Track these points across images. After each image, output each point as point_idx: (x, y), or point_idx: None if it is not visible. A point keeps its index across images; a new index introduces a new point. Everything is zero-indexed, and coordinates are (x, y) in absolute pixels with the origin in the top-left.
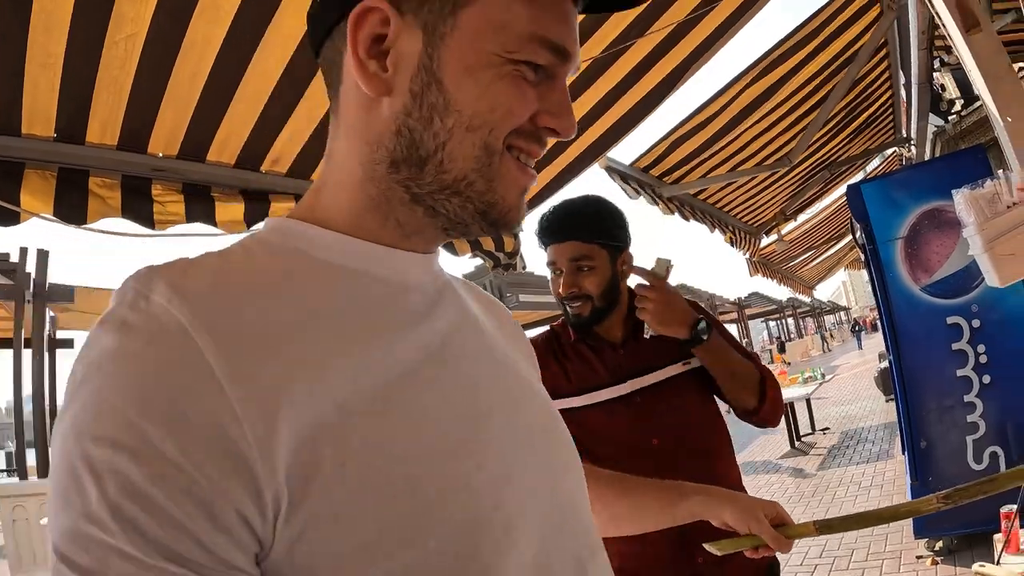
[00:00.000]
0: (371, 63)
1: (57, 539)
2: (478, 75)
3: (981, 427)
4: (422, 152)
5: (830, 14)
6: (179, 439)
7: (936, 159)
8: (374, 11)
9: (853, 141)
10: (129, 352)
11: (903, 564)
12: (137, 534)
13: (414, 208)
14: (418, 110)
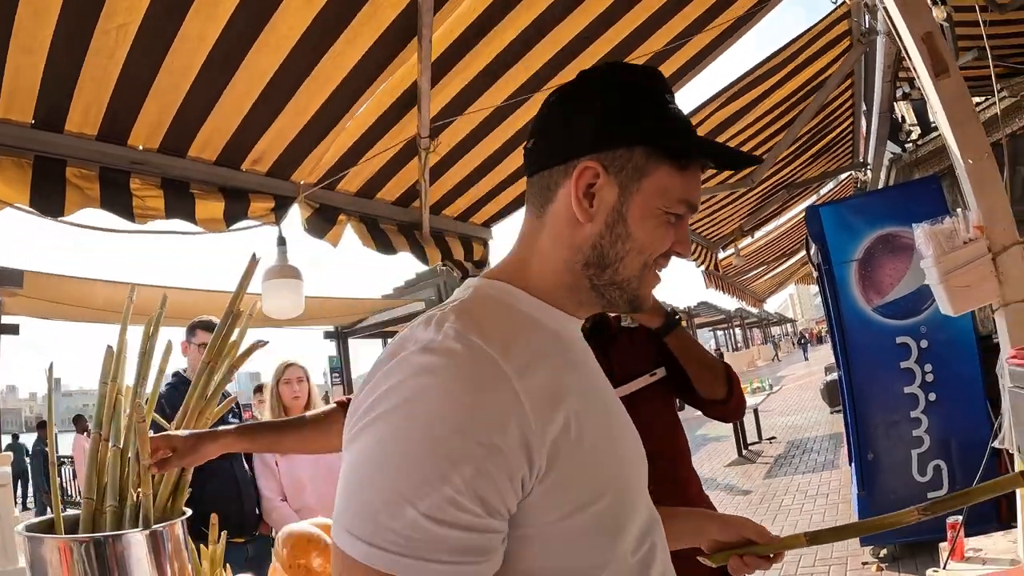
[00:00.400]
0: (584, 201)
1: (409, 494)
2: (649, 220)
3: (926, 441)
4: (606, 261)
5: (803, 44)
6: (504, 435)
7: (892, 187)
8: (591, 168)
9: (813, 163)
10: (466, 371)
11: (849, 570)
12: (479, 501)
13: (591, 293)
14: (608, 235)
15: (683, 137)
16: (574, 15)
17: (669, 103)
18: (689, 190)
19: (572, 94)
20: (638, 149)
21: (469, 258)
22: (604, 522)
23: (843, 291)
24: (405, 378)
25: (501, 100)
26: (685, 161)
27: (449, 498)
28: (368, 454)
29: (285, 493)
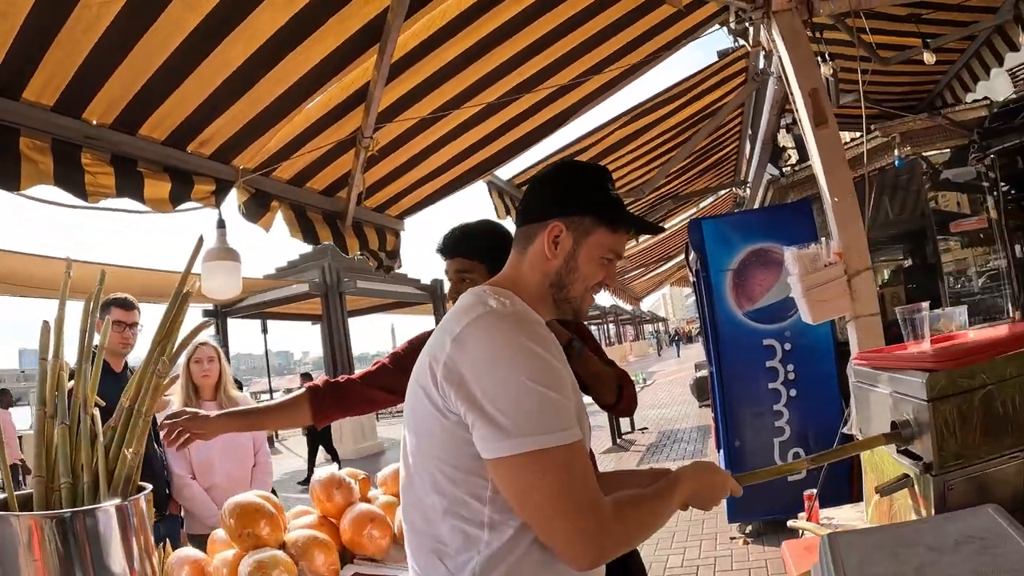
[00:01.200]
0: (551, 246)
1: (545, 381)
2: (591, 262)
3: (787, 431)
4: (563, 284)
5: (705, 76)
6: (559, 355)
7: (768, 208)
8: (558, 226)
9: (699, 179)
10: (532, 319)
11: (719, 544)
12: (564, 378)
13: (551, 303)
14: (565, 268)
15: (617, 212)
16: (506, 44)
17: (609, 189)
18: (618, 245)
19: (548, 180)
20: (588, 217)
21: (383, 248)
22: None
23: (718, 296)
24: (511, 332)
25: (431, 110)
26: (616, 227)
27: (561, 379)
28: (516, 383)
29: (195, 472)
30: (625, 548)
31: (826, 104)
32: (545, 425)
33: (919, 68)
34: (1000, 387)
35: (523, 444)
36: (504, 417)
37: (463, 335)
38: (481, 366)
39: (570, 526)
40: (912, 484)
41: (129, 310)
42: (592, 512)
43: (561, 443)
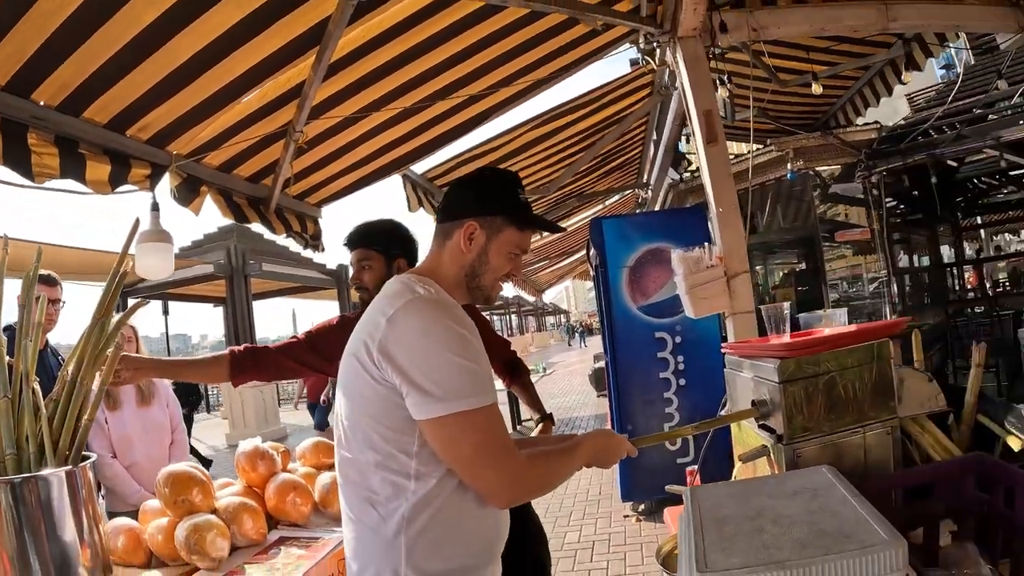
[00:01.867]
0: (466, 242)
1: (466, 357)
2: (500, 256)
3: (676, 417)
4: (475, 274)
5: (614, 87)
6: (473, 327)
7: (665, 210)
8: (472, 225)
9: (604, 179)
10: (450, 303)
11: (613, 522)
12: (479, 350)
13: (466, 290)
14: (478, 261)
15: (525, 214)
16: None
17: (519, 194)
18: (524, 242)
19: (468, 183)
20: (500, 217)
21: (305, 231)
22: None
23: (615, 291)
24: (433, 313)
25: (357, 109)
26: (523, 227)
27: (479, 352)
28: (443, 357)
29: (115, 450)
30: (538, 493)
31: (718, 124)
32: (469, 391)
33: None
34: (842, 374)
35: (452, 407)
36: (434, 386)
37: (395, 317)
38: (413, 343)
39: (492, 473)
40: (769, 453)
41: (52, 286)
42: (509, 461)
43: (482, 405)
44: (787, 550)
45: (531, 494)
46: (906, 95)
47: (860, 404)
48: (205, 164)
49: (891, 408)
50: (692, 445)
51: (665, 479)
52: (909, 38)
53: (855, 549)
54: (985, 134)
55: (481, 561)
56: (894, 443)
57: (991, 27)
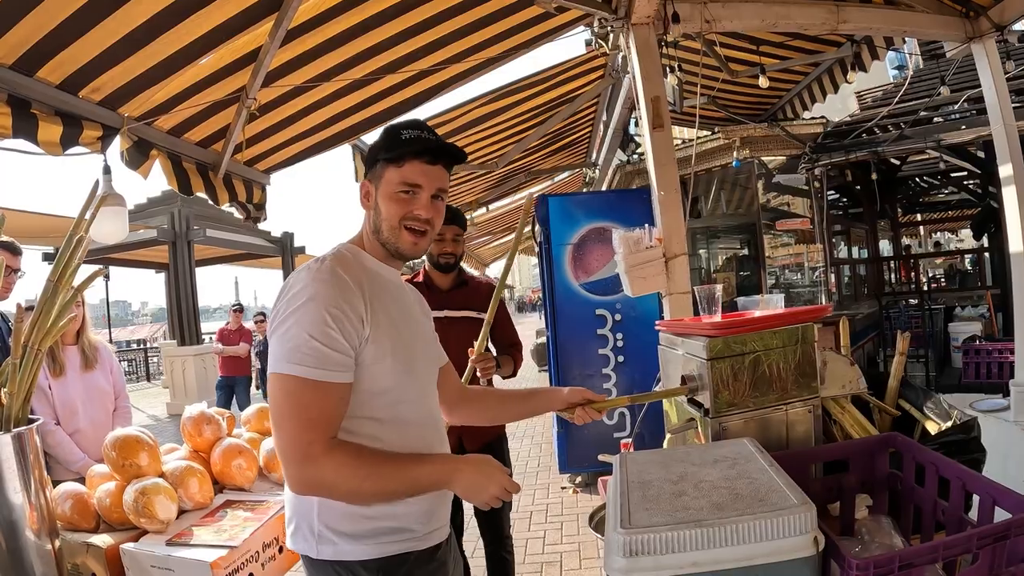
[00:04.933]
0: (365, 202)
1: (312, 331)
2: (385, 200)
3: (613, 392)
4: (377, 227)
5: (566, 67)
6: (351, 308)
7: (611, 191)
8: (366, 181)
9: (552, 157)
10: (335, 280)
11: (551, 493)
12: (343, 334)
13: (383, 248)
14: (374, 214)
15: (397, 149)
16: (384, 27)
17: (403, 134)
18: (409, 176)
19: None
20: (379, 163)
21: (250, 200)
22: (396, 369)
23: (558, 267)
24: (308, 286)
25: (311, 78)
26: (400, 160)
27: (328, 333)
28: (291, 323)
29: (58, 417)
30: (343, 492)
31: (664, 111)
32: (297, 358)
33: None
34: (767, 354)
35: (277, 366)
36: (277, 344)
37: (286, 281)
38: (279, 305)
39: (286, 445)
40: (696, 426)
41: (16, 255)
42: (308, 443)
43: (303, 376)
44: (705, 511)
45: (332, 490)
46: (856, 92)
47: (784, 383)
48: (156, 127)
49: (813, 388)
50: (628, 419)
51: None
52: (859, 40)
53: (767, 511)
54: (927, 136)
55: (401, 524)
56: (815, 420)
57: (939, 35)
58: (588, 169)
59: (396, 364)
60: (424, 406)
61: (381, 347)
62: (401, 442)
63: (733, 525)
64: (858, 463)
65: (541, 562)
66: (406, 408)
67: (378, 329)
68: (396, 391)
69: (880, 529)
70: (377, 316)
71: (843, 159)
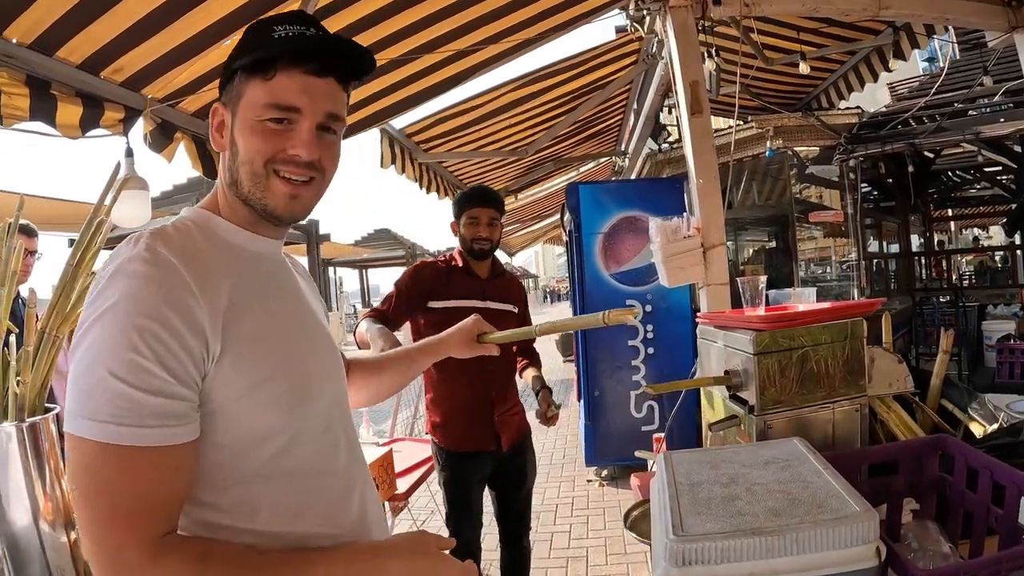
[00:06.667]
0: (217, 134)
1: (112, 365)
2: (244, 133)
3: (642, 386)
4: (235, 176)
5: (597, 52)
6: (180, 318)
7: (643, 180)
8: (218, 108)
9: (581, 145)
10: (152, 273)
11: (577, 486)
12: (166, 369)
13: (246, 208)
14: (231, 156)
15: (264, 49)
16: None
17: (276, 30)
18: (277, 95)
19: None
20: (237, 77)
21: None
22: (282, 400)
23: (588, 256)
24: (108, 286)
25: None
26: (270, 72)
27: (140, 365)
28: (85, 349)
29: None
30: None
31: (703, 96)
32: (90, 410)
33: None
34: (815, 349)
35: (68, 422)
36: (72, 386)
37: (93, 286)
38: (80, 330)
39: (89, 540)
40: (739, 424)
41: (31, 237)
42: (119, 547)
43: (102, 440)
44: (762, 518)
45: None
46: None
47: (832, 380)
48: (180, 110)
49: (861, 386)
50: (657, 413)
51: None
52: (898, 27)
53: (829, 519)
54: (965, 128)
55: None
56: (862, 420)
57: (982, 24)
58: (618, 158)
59: (281, 392)
60: (331, 445)
61: (249, 370)
62: (295, 515)
63: (793, 534)
64: (907, 465)
65: (567, 557)
66: (304, 455)
67: (240, 344)
68: (284, 434)
69: (928, 535)
70: (239, 322)
71: (879, 150)
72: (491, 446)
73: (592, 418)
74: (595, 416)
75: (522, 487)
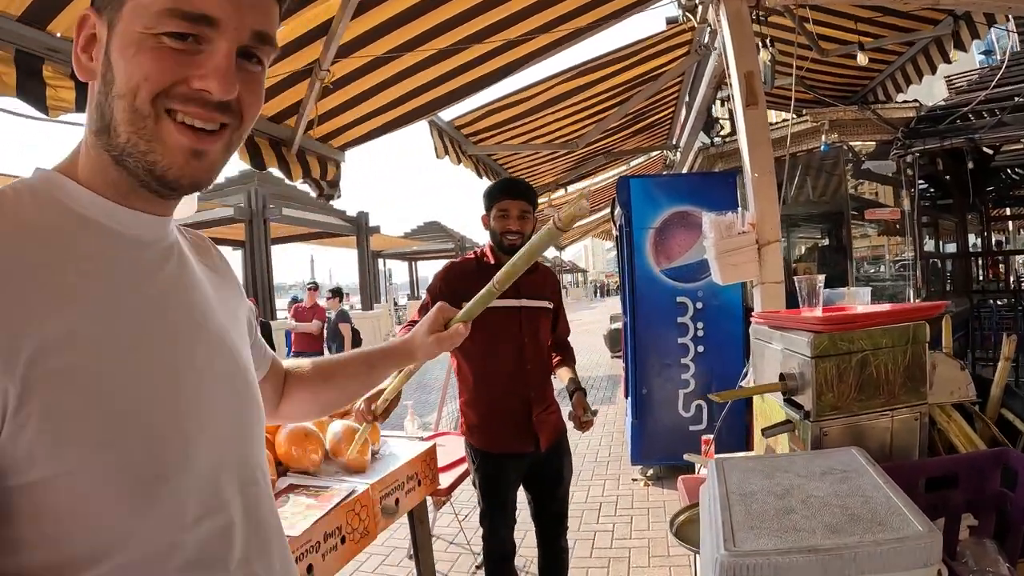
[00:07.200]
0: (83, 56)
1: None
2: (126, 51)
3: (691, 384)
4: (106, 120)
5: (649, 44)
6: None
7: (695, 174)
8: (87, 15)
9: (632, 139)
10: None
11: (621, 484)
12: None
13: (119, 169)
14: (103, 87)
15: None
16: None
17: None
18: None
19: None
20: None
21: (324, 177)
22: (121, 479)
23: (638, 252)
24: None
25: (387, 50)
26: None
27: None
28: None
29: None
30: None
31: (758, 87)
32: None
33: (856, 63)
34: (875, 353)
35: None
36: None
37: None
38: None
39: None
40: (793, 429)
41: None
42: None
43: None
44: (818, 534)
45: None
46: (945, 77)
47: (892, 386)
48: None
49: (921, 394)
50: (705, 413)
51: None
52: (958, 15)
53: (890, 538)
54: None
55: None
56: (921, 429)
57: None
58: (669, 152)
59: (120, 475)
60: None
61: (65, 433)
62: None
63: (852, 553)
64: (967, 480)
65: (608, 557)
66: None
67: (64, 388)
68: (121, 545)
69: (985, 554)
70: (61, 353)
71: (937, 145)
72: (529, 447)
73: (639, 416)
74: (642, 414)
75: (559, 487)
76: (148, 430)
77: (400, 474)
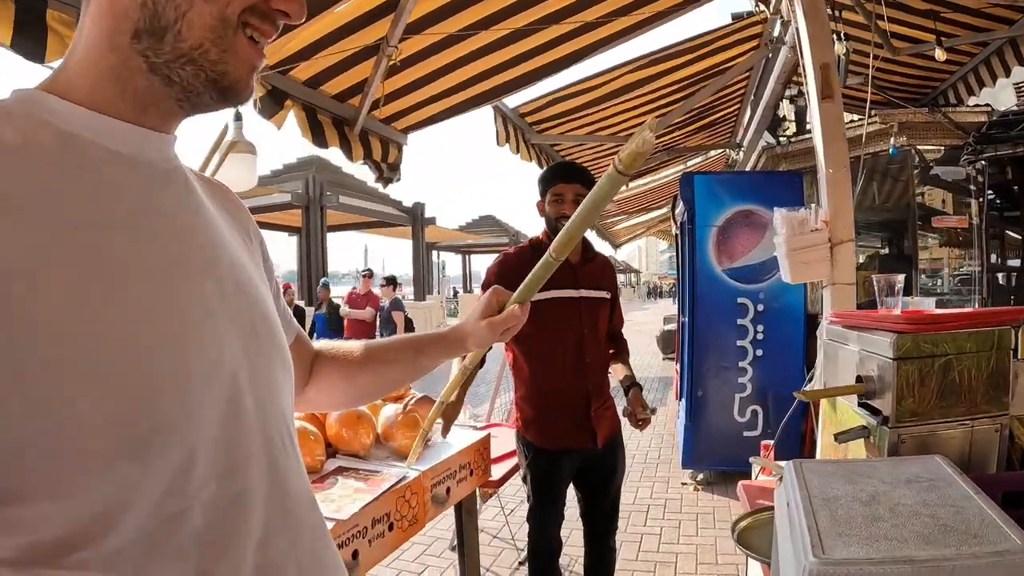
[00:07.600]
0: None
1: None
2: None
3: (748, 388)
4: (163, 22)
5: (719, 35)
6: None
7: (761, 172)
8: None
9: (696, 135)
10: None
11: (671, 488)
12: None
13: (151, 78)
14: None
15: None
16: None
17: None
18: None
19: None
20: None
21: (385, 159)
22: (108, 432)
23: (700, 250)
24: None
25: (457, 29)
26: None
27: None
28: None
29: None
30: None
31: (834, 79)
32: None
33: (928, 63)
34: (959, 358)
35: None
36: None
37: None
38: None
39: None
40: (868, 435)
41: None
42: None
43: None
44: (911, 544)
45: None
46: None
47: (973, 394)
48: (292, 78)
49: (1004, 403)
50: (760, 418)
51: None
52: None
53: (989, 551)
54: None
55: None
56: (1001, 441)
57: None
58: (731, 151)
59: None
60: (230, 507)
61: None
62: None
63: (950, 565)
64: None
65: (655, 561)
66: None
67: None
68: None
69: None
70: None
71: (1010, 151)
72: (587, 443)
73: (692, 419)
74: (696, 417)
75: (611, 485)
76: (141, 375)
77: (452, 463)
